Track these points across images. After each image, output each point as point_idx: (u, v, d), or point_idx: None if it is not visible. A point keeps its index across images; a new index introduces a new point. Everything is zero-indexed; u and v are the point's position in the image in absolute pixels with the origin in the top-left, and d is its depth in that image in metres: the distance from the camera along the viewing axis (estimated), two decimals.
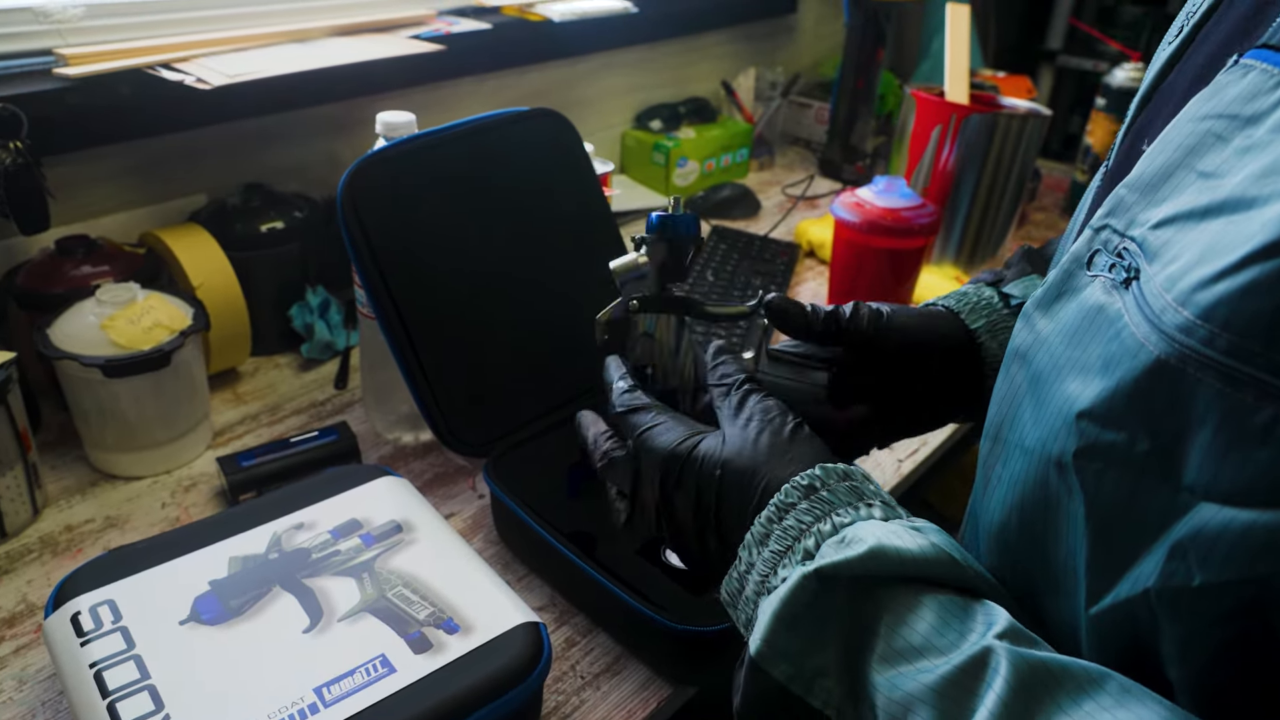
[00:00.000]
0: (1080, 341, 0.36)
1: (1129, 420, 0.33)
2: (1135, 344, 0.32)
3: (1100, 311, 0.35)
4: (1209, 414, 0.30)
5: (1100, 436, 0.34)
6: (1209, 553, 0.30)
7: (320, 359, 0.95)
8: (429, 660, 0.52)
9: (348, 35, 0.99)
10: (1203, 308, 0.30)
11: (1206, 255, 0.31)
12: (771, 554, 0.39)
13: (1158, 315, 0.32)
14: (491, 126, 0.76)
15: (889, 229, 0.97)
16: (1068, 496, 0.36)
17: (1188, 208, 0.33)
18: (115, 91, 0.82)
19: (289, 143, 1.02)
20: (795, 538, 0.39)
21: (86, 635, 0.52)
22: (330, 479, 0.66)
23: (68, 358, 0.70)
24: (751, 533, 0.41)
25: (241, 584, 0.56)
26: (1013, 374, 0.41)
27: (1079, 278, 0.38)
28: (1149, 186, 0.36)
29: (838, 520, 0.39)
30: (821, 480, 0.40)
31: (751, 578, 0.40)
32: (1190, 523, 0.31)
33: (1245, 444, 0.29)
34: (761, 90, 1.58)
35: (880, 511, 0.39)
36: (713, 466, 0.43)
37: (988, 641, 0.34)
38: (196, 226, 0.88)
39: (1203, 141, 0.34)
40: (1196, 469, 0.31)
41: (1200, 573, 0.31)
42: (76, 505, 0.74)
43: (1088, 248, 0.38)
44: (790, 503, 0.40)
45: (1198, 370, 0.30)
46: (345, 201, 0.68)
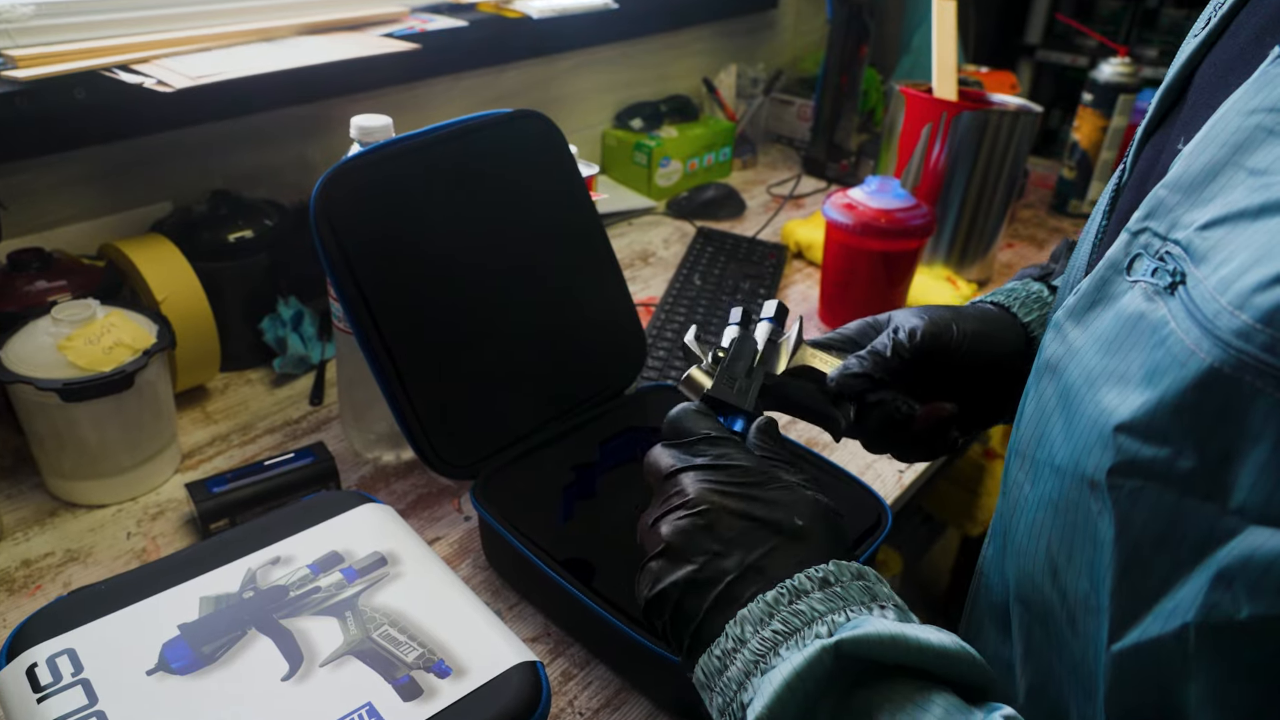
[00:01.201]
0: (1119, 351, 0.34)
1: (1174, 434, 0.31)
2: (1184, 352, 0.30)
3: (1141, 319, 0.33)
4: (1267, 427, 0.28)
5: (1140, 452, 0.32)
6: (1260, 582, 0.28)
7: (294, 374, 0.90)
8: (419, 708, 0.48)
9: (317, 34, 0.94)
10: (1263, 311, 0.28)
11: (1266, 255, 0.28)
12: (773, 634, 0.37)
13: (1211, 320, 0.29)
14: (474, 129, 0.72)
15: (883, 231, 0.95)
16: (1097, 518, 0.34)
17: (1239, 207, 0.31)
18: (69, 95, 0.77)
19: (257, 147, 0.98)
20: (806, 623, 0.37)
21: (44, 690, 0.48)
22: (308, 508, 0.62)
23: (22, 381, 0.66)
24: (749, 610, 0.38)
25: (214, 627, 0.52)
26: (1043, 388, 0.39)
27: (1117, 284, 0.36)
28: (1193, 186, 0.33)
29: (852, 615, 0.37)
30: (835, 576, 0.39)
31: (741, 656, 0.38)
32: (1238, 548, 0.29)
33: None
34: (743, 87, 1.55)
35: (894, 615, 0.38)
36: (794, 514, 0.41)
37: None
38: (160, 237, 0.83)
39: (1252, 137, 0.32)
40: (1249, 489, 0.29)
41: (1249, 604, 0.29)
42: (34, 537, 0.69)
43: (1125, 253, 0.36)
44: (803, 589, 0.38)
45: (1256, 379, 0.28)
46: (319, 211, 0.64)
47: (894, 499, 0.80)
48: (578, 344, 0.77)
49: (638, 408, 0.77)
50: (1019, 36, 2.14)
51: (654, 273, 1.16)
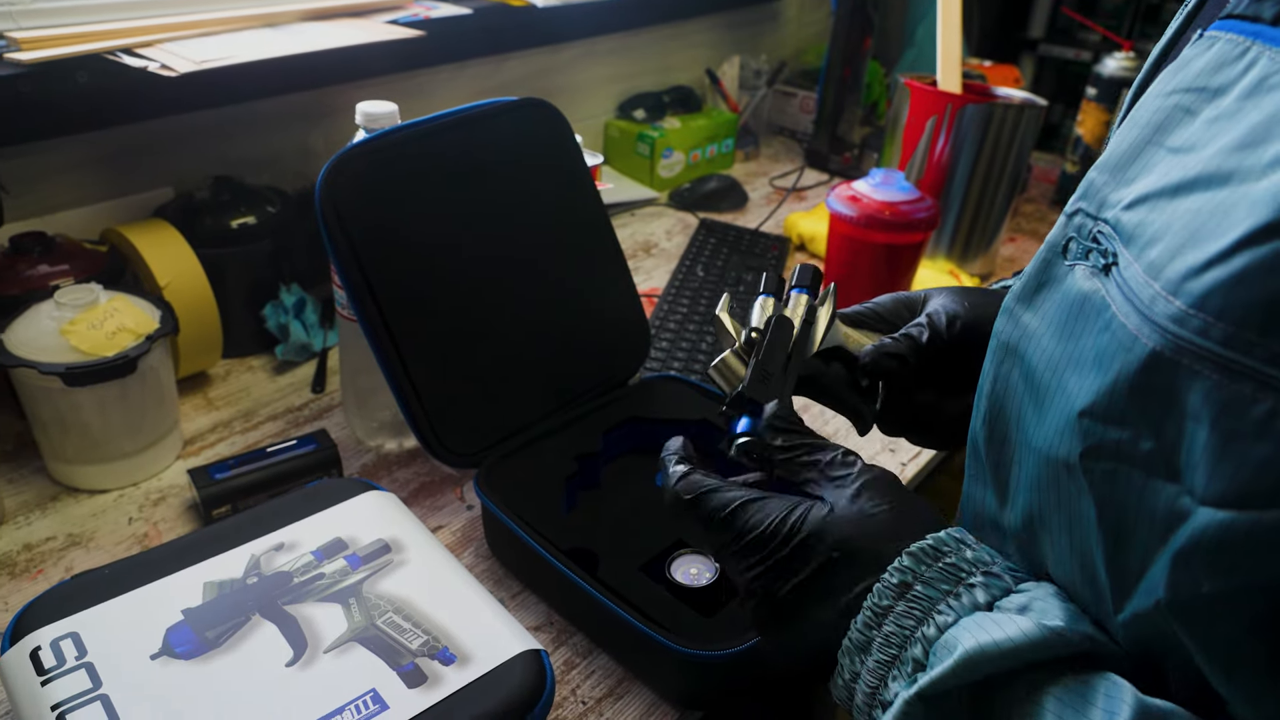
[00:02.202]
0: (1071, 335, 0.34)
1: (1131, 417, 0.31)
2: (1128, 337, 0.31)
3: (1086, 301, 0.34)
4: (1205, 409, 0.29)
5: (1106, 435, 0.32)
6: (1214, 559, 0.29)
7: (296, 361, 0.90)
8: (424, 695, 0.48)
9: (321, 19, 0.94)
10: (1195, 296, 0.28)
11: (1192, 238, 0.29)
12: (877, 664, 0.36)
13: (1148, 305, 0.30)
14: (479, 117, 0.72)
15: (887, 223, 0.94)
16: (1079, 499, 0.34)
17: (1159, 185, 0.32)
18: (72, 78, 0.77)
19: (260, 133, 0.97)
20: (900, 645, 0.36)
21: (48, 673, 0.48)
22: (312, 495, 0.62)
23: (24, 365, 0.65)
24: (850, 638, 0.37)
25: (218, 612, 0.52)
26: (1005, 371, 0.38)
27: (1057, 266, 0.36)
28: (1119, 166, 0.34)
29: (940, 619, 0.35)
30: (914, 572, 0.36)
31: (860, 689, 0.37)
32: (1191, 528, 0.29)
33: (1243, 440, 0.28)
34: (746, 79, 1.55)
35: (982, 593, 0.36)
36: (830, 546, 0.39)
37: None
38: (162, 222, 0.83)
39: (1170, 117, 0.33)
40: (1193, 469, 0.29)
41: (1208, 581, 0.29)
42: (36, 522, 0.69)
43: (1062, 235, 0.36)
44: (886, 605, 0.36)
45: (1193, 361, 0.29)
46: (324, 197, 0.64)
47: None
48: (582, 333, 0.77)
49: (641, 398, 0.77)
50: (1022, 30, 2.13)
51: (656, 264, 1.16)
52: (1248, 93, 0.30)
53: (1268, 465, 0.27)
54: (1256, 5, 0.31)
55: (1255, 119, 0.29)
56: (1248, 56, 0.31)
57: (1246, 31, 0.31)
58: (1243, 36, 0.31)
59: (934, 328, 0.50)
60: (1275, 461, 0.27)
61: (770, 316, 0.49)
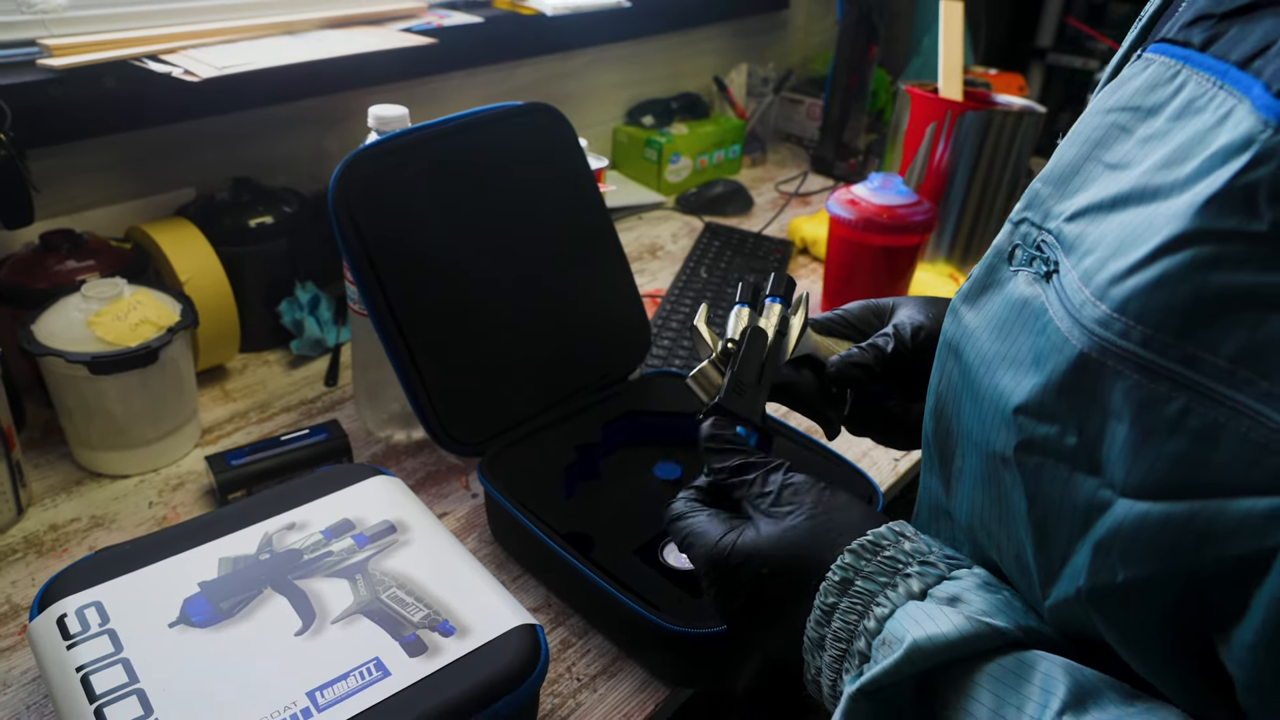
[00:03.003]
0: (1009, 335, 0.36)
1: (1059, 414, 0.33)
2: (1060, 338, 0.33)
3: (1026, 305, 0.36)
4: (1125, 407, 0.31)
5: (1036, 431, 0.34)
6: (1129, 548, 0.31)
7: (310, 356, 0.93)
8: (424, 663, 0.51)
9: (338, 27, 0.97)
10: (1118, 301, 0.30)
11: (1120, 248, 0.31)
12: (831, 659, 0.39)
13: (1078, 309, 0.32)
14: (486, 121, 0.75)
15: (884, 226, 0.97)
16: (1012, 490, 0.36)
17: (1097, 199, 0.34)
18: (100, 83, 0.81)
19: (278, 136, 1.01)
20: (847, 640, 0.38)
21: (73, 638, 0.51)
22: (322, 478, 0.65)
23: (52, 354, 0.69)
24: (808, 636, 0.40)
25: (232, 585, 0.55)
26: (948, 368, 0.41)
27: (1001, 271, 0.39)
28: (1061, 179, 0.37)
29: (879, 611, 0.38)
30: (855, 568, 0.39)
31: (823, 682, 0.40)
32: (1110, 518, 0.31)
33: (1157, 436, 0.30)
34: (753, 86, 1.57)
35: (916, 581, 0.38)
36: (757, 566, 0.42)
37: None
38: (184, 221, 0.87)
39: (1109, 134, 0.35)
40: (1114, 462, 0.31)
41: (1123, 569, 0.31)
42: (62, 504, 0.72)
43: (1008, 241, 0.39)
44: (831, 603, 0.39)
45: (1116, 363, 0.31)
46: (337, 196, 0.67)
47: (888, 485, 0.82)
48: (584, 330, 0.79)
49: (641, 393, 0.80)
50: (1030, 39, 2.15)
51: (661, 265, 1.18)
52: (1177, 114, 0.32)
53: (1180, 460, 0.29)
54: (1188, 31, 0.33)
55: (1180, 139, 0.31)
56: (1178, 79, 0.33)
57: (1178, 55, 0.33)
58: (1175, 60, 0.33)
59: (899, 338, 0.53)
60: (1186, 456, 0.29)
61: (745, 328, 0.52)
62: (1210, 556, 0.28)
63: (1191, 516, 0.29)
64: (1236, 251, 0.28)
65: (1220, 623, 0.29)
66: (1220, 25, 0.32)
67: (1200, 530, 0.29)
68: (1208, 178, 0.29)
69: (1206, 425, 0.28)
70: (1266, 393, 0.27)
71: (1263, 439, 0.27)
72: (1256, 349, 0.27)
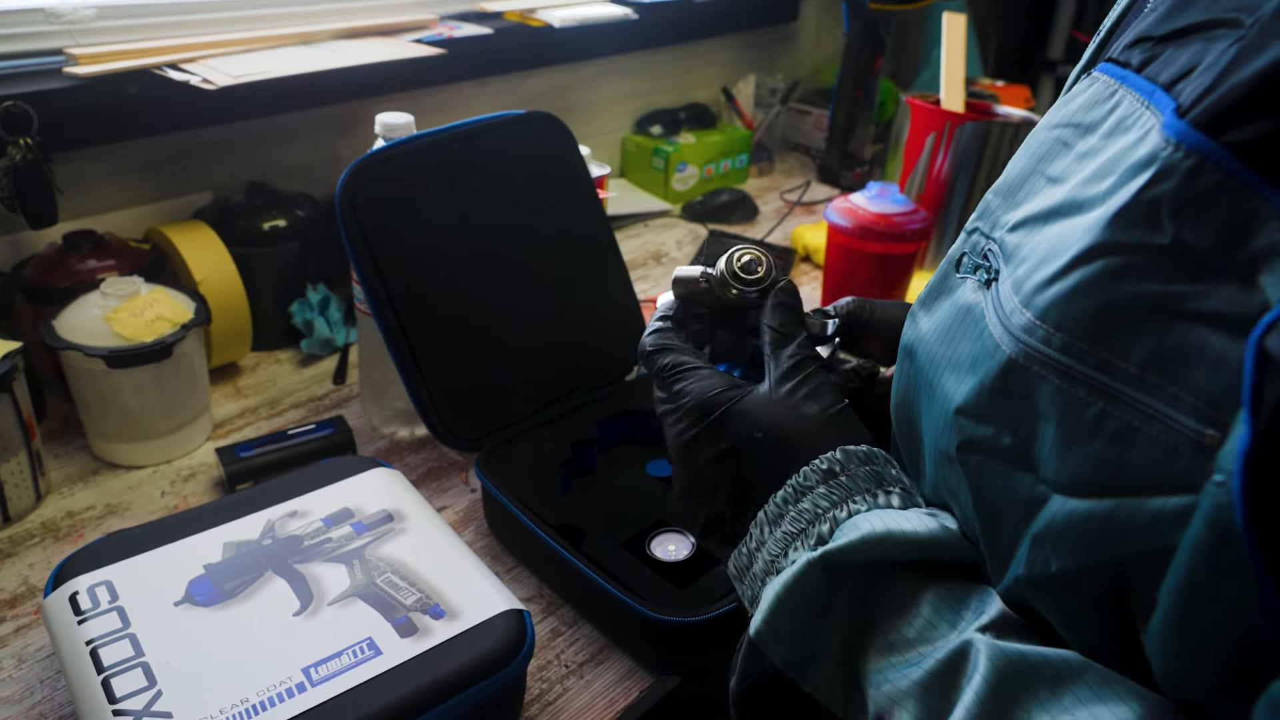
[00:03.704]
0: (953, 340, 0.38)
1: (994, 416, 0.35)
2: (993, 344, 0.34)
3: (969, 311, 0.37)
4: (1051, 409, 0.32)
5: (975, 431, 0.35)
6: (1060, 541, 0.32)
7: (320, 355, 0.96)
8: (414, 644, 0.53)
9: (352, 38, 1.01)
10: (1041, 309, 0.32)
11: (1045, 258, 0.33)
12: (784, 535, 0.39)
13: (1008, 316, 0.34)
14: (488, 128, 0.78)
15: (881, 234, 0.99)
16: (959, 487, 0.38)
17: (1035, 211, 0.35)
18: (123, 90, 0.84)
19: (293, 142, 1.04)
20: (810, 521, 0.39)
21: (84, 614, 0.54)
22: (325, 470, 0.67)
23: (72, 348, 0.72)
24: (765, 510, 0.40)
25: (235, 568, 0.58)
26: (905, 369, 0.42)
27: (951, 278, 0.40)
28: (1009, 191, 0.38)
29: (853, 507, 0.38)
30: (841, 465, 0.40)
31: (761, 555, 0.40)
32: (1045, 513, 0.33)
33: (1080, 437, 0.31)
34: (761, 97, 1.60)
35: (899, 499, 0.39)
36: (753, 427, 0.42)
37: (969, 635, 0.34)
38: (200, 223, 0.90)
39: (1052, 149, 0.36)
40: (1044, 462, 0.33)
41: (1056, 560, 0.32)
42: (79, 492, 0.76)
43: (960, 249, 0.40)
44: (808, 485, 0.39)
45: (1041, 368, 0.32)
46: (344, 200, 0.70)
47: None
48: (582, 331, 0.82)
49: (636, 393, 0.82)
50: (1041, 52, 2.16)
51: (665, 272, 1.21)
52: (1109, 132, 0.33)
53: (1100, 460, 0.30)
54: (1129, 51, 0.35)
55: (1107, 155, 0.32)
56: (1115, 98, 0.34)
57: (1117, 75, 0.35)
58: (1114, 79, 0.35)
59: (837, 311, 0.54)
60: (1106, 457, 0.30)
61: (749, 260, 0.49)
62: (1131, 551, 0.30)
63: (1113, 513, 0.30)
64: (1143, 263, 0.29)
65: (1143, 611, 0.31)
66: (1157, 47, 0.33)
67: (1121, 526, 0.30)
68: (1119, 192, 0.30)
69: (1122, 428, 0.30)
70: (1174, 397, 0.28)
71: (1172, 442, 0.28)
72: (1164, 356, 0.29)
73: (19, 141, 0.78)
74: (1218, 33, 0.30)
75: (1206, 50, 0.30)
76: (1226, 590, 0.27)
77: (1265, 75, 0.26)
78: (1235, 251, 0.27)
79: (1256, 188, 0.26)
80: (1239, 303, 0.27)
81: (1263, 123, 0.26)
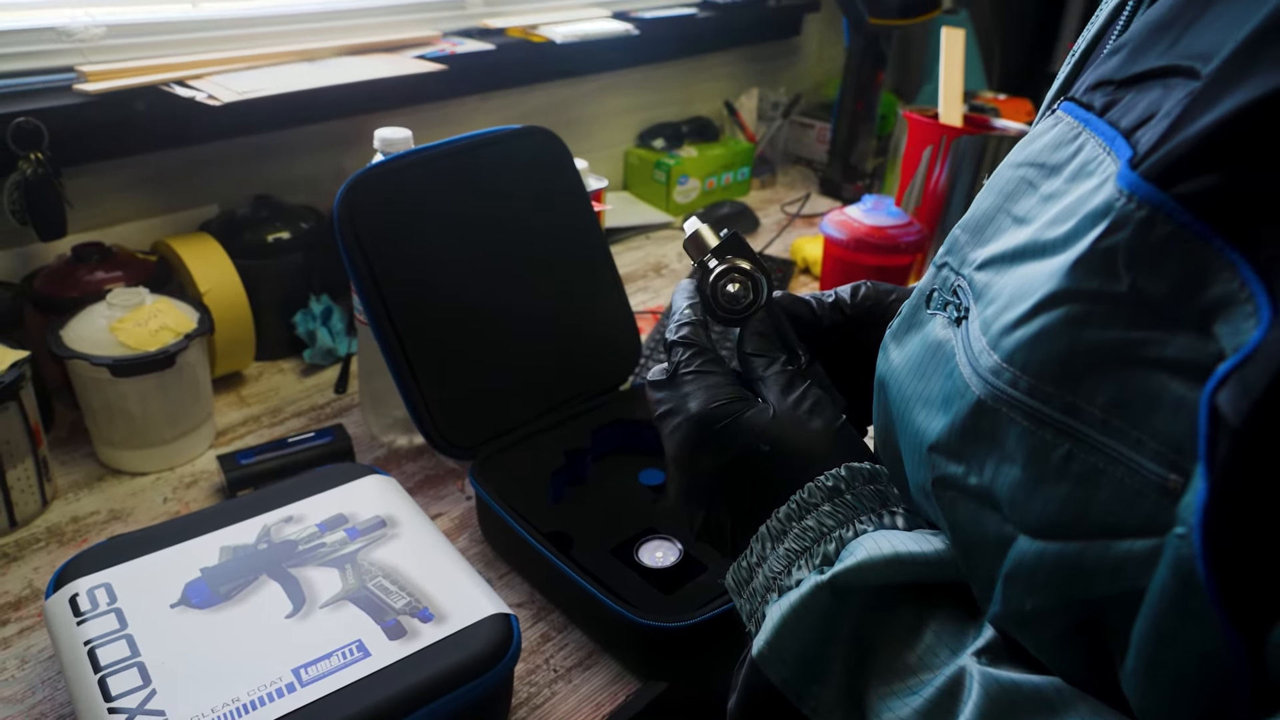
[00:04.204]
0: (924, 375, 0.38)
1: (965, 454, 0.35)
2: (963, 384, 0.35)
3: (940, 348, 0.37)
4: (1018, 451, 0.32)
5: (948, 469, 0.36)
6: (1031, 582, 0.32)
7: (322, 364, 0.98)
8: (402, 646, 0.54)
9: (356, 55, 1.03)
10: (1007, 352, 0.32)
11: (1011, 301, 0.33)
12: (787, 552, 0.39)
13: (976, 357, 0.34)
14: (485, 143, 0.80)
15: (875, 246, 1.00)
16: (940, 518, 0.38)
17: (1002, 250, 0.35)
18: (131, 107, 0.86)
19: (297, 157, 1.07)
20: (815, 540, 0.38)
21: (83, 615, 0.55)
22: (321, 476, 0.69)
23: (78, 357, 0.74)
24: (768, 525, 0.40)
25: (231, 571, 0.59)
26: (880, 401, 0.42)
27: (921, 312, 0.40)
28: (977, 228, 0.38)
29: (859, 527, 0.38)
30: (847, 483, 0.40)
31: (762, 571, 0.40)
32: (1014, 553, 0.33)
33: (1048, 479, 0.31)
34: (764, 110, 1.61)
35: (903, 520, 0.39)
36: (760, 439, 0.42)
37: (964, 661, 0.34)
38: (206, 235, 0.92)
39: (1018, 188, 0.36)
40: (1013, 502, 0.33)
41: (1029, 599, 0.33)
42: (83, 498, 0.77)
43: (929, 284, 0.40)
44: (813, 502, 0.39)
45: (1009, 410, 0.32)
46: (342, 213, 0.72)
47: None
48: (577, 341, 0.83)
49: (630, 403, 0.83)
50: (1046, 65, 2.17)
51: (664, 284, 1.22)
52: (1073, 175, 0.33)
53: (1067, 502, 0.31)
54: (1091, 94, 0.35)
55: (1070, 199, 0.32)
56: (1079, 141, 0.34)
57: (1080, 117, 0.35)
58: (1077, 121, 0.35)
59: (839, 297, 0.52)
60: (1072, 499, 0.31)
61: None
62: (1101, 592, 0.30)
63: (1081, 555, 0.31)
64: (1104, 310, 0.30)
65: (1119, 650, 0.31)
66: (1118, 91, 0.33)
67: (1089, 568, 0.30)
68: (1080, 240, 0.31)
69: (1088, 471, 0.30)
70: (1137, 441, 0.29)
71: (1137, 485, 0.29)
72: (1126, 401, 0.29)
73: (30, 156, 0.80)
74: (1175, 80, 0.30)
75: (1165, 98, 0.30)
76: (1194, 635, 0.27)
77: (1215, 129, 0.27)
78: (1190, 301, 0.27)
79: (1208, 239, 0.27)
80: (1196, 351, 0.27)
81: (1212, 176, 0.27)
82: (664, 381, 0.46)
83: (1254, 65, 0.27)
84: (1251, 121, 0.26)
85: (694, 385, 0.44)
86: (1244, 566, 0.25)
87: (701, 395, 0.44)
